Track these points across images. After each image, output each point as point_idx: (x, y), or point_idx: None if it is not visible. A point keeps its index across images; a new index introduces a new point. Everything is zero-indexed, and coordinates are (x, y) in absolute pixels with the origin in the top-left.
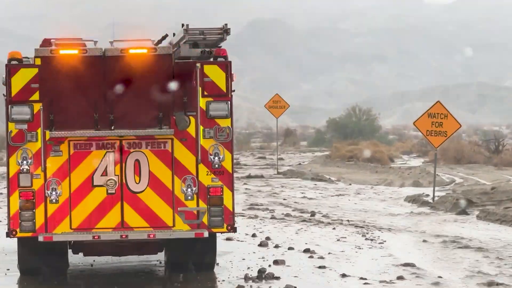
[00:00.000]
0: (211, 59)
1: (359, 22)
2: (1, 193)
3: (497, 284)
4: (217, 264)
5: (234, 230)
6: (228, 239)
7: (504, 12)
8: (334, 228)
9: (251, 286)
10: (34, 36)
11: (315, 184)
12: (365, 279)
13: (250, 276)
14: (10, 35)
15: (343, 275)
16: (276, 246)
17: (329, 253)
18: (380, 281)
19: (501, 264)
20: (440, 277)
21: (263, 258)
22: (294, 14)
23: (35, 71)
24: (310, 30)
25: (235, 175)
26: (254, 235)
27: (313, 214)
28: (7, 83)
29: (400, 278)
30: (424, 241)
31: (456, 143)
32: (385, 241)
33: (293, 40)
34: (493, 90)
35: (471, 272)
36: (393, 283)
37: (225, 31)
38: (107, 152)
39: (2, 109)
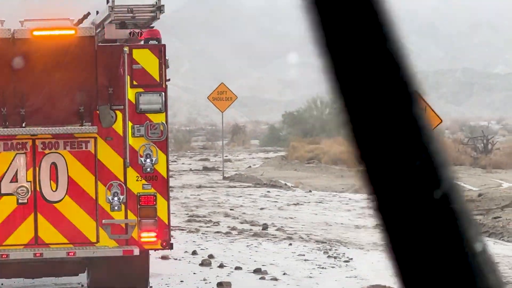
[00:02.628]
0: (142, 42)
1: None
2: None
3: None
4: (151, 287)
5: (170, 246)
6: (163, 257)
7: None
8: (290, 244)
9: None
10: None
11: (268, 191)
12: None
13: None
14: None
15: None
16: (221, 266)
17: (284, 274)
18: None
19: None
20: None
21: (205, 280)
22: None
23: None
24: (263, 7)
25: (171, 181)
26: (194, 253)
27: (265, 227)
28: None
29: None
30: None
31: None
32: (351, 259)
33: (242, 18)
34: (481, 78)
35: None
36: None
37: (158, 8)
38: (17, 154)
39: None
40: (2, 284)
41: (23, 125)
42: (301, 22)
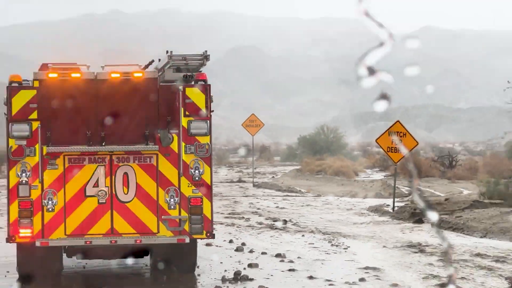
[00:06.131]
0: (192, 83)
1: (327, 49)
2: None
3: None
4: (198, 266)
5: (212, 236)
6: (207, 244)
7: (457, 42)
8: (303, 235)
9: (227, 287)
10: (35, 61)
11: (287, 195)
12: (330, 280)
13: (227, 278)
14: (14, 60)
15: (310, 277)
16: (251, 251)
17: (298, 258)
18: (344, 283)
19: (465, 268)
20: (398, 281)
21: (239, 261)
22: (269, 42)
23: (33, 92)
24: (284, 56)
25: (214, 187)
26: (231, 241)
27: (284, 222)
28: (8, 103)
29: (362, 280)
30: (384, 246)
31: (414, 159)
32: (349, 247)
33: (268, 65)
34: (448, 111)
35: (426, 274)
36: (356, 284)
37: (205, 57)
38: (98, 165)
39: (3, 126)
40: (86, 263)
41: (103, 144)
42: (313, 68)
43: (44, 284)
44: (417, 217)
